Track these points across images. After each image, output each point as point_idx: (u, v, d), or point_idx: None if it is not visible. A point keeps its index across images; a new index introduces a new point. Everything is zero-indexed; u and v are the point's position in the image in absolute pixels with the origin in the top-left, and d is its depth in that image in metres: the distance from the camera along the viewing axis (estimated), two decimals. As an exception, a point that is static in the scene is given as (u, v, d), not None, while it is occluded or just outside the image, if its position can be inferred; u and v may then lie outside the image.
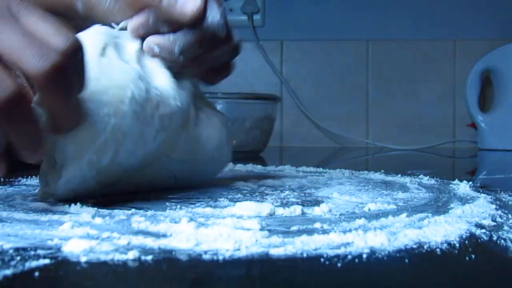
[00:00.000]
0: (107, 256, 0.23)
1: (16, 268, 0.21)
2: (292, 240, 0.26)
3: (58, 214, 0.33)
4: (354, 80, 1.47)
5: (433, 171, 0.67)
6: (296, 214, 0.34)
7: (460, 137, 1.43)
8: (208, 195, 0.42)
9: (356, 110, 1.47)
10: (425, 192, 0.46)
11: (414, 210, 0.36)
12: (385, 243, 0.26)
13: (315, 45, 1.47)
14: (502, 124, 1.25)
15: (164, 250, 0.25)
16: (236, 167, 0.69)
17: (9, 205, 0.37)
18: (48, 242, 0.26)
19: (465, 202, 0.40)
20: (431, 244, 0.26)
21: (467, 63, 1.34)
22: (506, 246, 0.26)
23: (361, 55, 1.47)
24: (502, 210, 0.36)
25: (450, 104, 1.45)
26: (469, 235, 0.28)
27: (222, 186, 0.49)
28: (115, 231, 0.28)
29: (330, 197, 0.42)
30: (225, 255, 0.24)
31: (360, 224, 0.31)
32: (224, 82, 0.52)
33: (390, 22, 1.46)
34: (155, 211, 0.34)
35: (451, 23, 1.44)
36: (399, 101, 1.46)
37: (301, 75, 1.48)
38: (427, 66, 1.45)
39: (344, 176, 0.59)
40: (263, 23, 1.47)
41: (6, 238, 0.27)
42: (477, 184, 0.52)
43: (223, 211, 0.35)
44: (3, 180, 0.51)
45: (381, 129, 1.45)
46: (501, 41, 1.30)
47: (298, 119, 1.47)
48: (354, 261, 0.23)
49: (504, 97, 1.26)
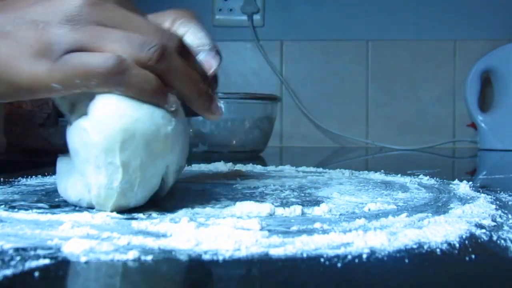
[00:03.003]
0: (107, 256, 0.23)
1: (16, 268, 0.21)
2: (292, 240, 0.26)
3: (58, 214, 0.33)
4: (354, 80, 1.47)
5: (433, 171, 0.67)
6: (296, 214, 0.34)
7: (460, 137, 1.43)
8: (208, 195, 0.42)
9: (356, 110, 1.47)
10: (425, 192, 0.46)
11: (414, 210, 0.36)
12: (385, 243, 0.26)
13: (315, 45, 1.47)
14: (502, 124, 1.25)
15: (164, 250, 0.25)
16: (236, 167, 0.69)
17: (9, 205, 0.37)
18: (48, 242, 0.26)
19: (465, 202, 0.40)
20: (431, 244, 0.26)
21: (467, 63, 1.34)
22: (506, 246, 0.26)
23: (361, 55, 1.47)
24: (502, 210, 0.36)
25: (450, 104, 1.45)
26: (469, 235, 0.28)
27: (222, 186, 0.49)
28: (115, 231, 0.28)
29: (330, 197, 0.42)
30: (225, 255, 0.24)
31: (360, 224, 0.31)
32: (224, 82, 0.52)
33: (390, 22, 1.46)
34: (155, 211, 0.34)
35: (451, 23, 1.44)
36: (399, 101, 1.46)
37: (301, 75, 1.48)
38: (427, 66, 1.45)
39: (344, 176, 0.59)
40: (263, 23, 1.47)
41: (6, 238, 0.27)
42: (477, 184, 0.52)
43: (223, 211, 0.35)
44: (3, 180, 0.51)
45: (381, 129, 1.45)
46: (501, 41, 1.30)
47: (298, 119, 1.47)
48: (354, 261, 0.23)
49: (504, 97, 1.26)
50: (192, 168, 0.69)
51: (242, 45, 1.48)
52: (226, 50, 0.49)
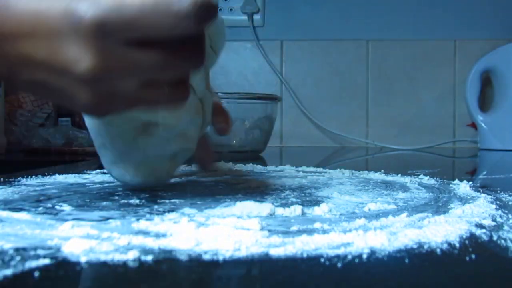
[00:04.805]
0: (107, 256, 0.23)
1: (16, 268, 0.21)
2: (292, 240, 0.26)
3: (58, 214, 0.33)
4: (354, 80, 1.47)
5: (433, 171, 0.67)
6: (296, 214, 0.34)
7: (460, 137, 1.43)
8: (208, 195, 0.42)
9: (356, 110, 1.47)
10: (425, 192, 0.46)
11: (414, 210, 0.36)
12: (385, 243, 0.26)
13: (315, 45, 1.47)
14: (502, 124, 1.25)
15: (164, 250, 0.25)
16: (236, 167, 0.69)
17: (9, 205, 0.37)
18: (48, 242, 0.26)
19: (465, 202, 0.40)
20: (431, 244, 0.26)
21: (467, 63, 1.34)
22: (506, 246, 0.26)
23: (361, 55, 1.47)
24: (502, 210, 0.36)
25: (450, 104, 1.45)
26: (469, 235, 0.28)
27: (223, 186, 0.49)
28: (115, 231, 0.28)
29: (330, 197, 0.42)
30: (225, 255, 0.24)
31: (360, 224, 0.31)
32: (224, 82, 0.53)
33: (390, 22, 1.46)
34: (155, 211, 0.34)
35: (451, 23, 1.44)
36: (399, 101, 1.46)
37: (301, 75, 1.48)
38: (427, 66, 1.45)
39: (344, 176, 0.59)
40: (263, 23, 1.47)
41: (6, 238, 0.27)
42: (477, 184, 0.52)
43: (223, 211, 0.35)
44: (3, 180, 0.51)
45: (381, 129, 1.45)
46: (501, 41, 1.30)
47: (298, 119, 1.47)
48: (354, 261, 0.23)
49: (504, 97, 1.26)
50: (192, 168, 0.69)
51: (242, 45, 1.48)
52: (226, 50, 0.49)
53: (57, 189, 0.46)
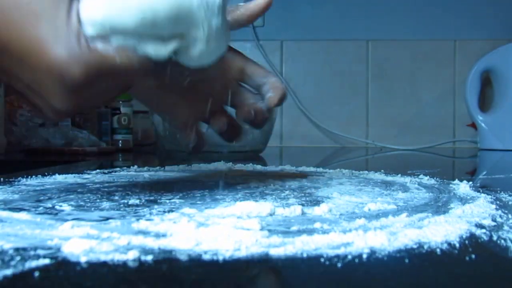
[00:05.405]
0: (107, 256, 0.23)
1: (16, 268, 0.21)
2: (292, 240, 0.26)
3: (58, 214, 0.33)
4: (354, 80, 1.47)
5: (433, 171, 0.67)
6: (296, 214, 0.34)
7: (460, 137, 1.43)
8: (208, 195, 0.42)
9: (356, 110, 1.47)
10: (425, 192, 0.46)
11: (414, 210, 0.36)
12: (385, 243, 0.26)
13: (315, 45, 1.47)
14: (502, 124, 1.25)
15: (164, 250, 0.25)
16: (236, 167, 0.69)
17: (9, 205, 0.37)
18: (48, 242, 0.26)
19: (465, 202, 0.40)
20: (431, 244, 0.26)
21: (467, 63, 1.34)
22: (506, 246, 0.26)
23: (361, 55, 1.47)
24: (502, 210, 0.36)
25: (450, 104, 1.45)
26: (469, 235, 0.28)
27: (223, 186, 0.49)
28: (115, 231, 0.28)
29: (330, 197, 0.42)
30: (225, 255, 0.24)
31: (360, 224, 0.31)
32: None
33: (390, 22, 1.46)
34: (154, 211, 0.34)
35: (451, 23, 1.44)
36: (399, 101, 1.46)
37: (301, 75, 1.48)
38: (427, 66, 1.45)
39: (344, 176, 0.59)
40: (263, 23, 1.47)
41: (6, 238, 0.27)
42: (477, 184, 0.52)
43: (223, 211, 0.35)
44: (3, 180, 0.51)
45: (381, 129, 1.46)
46: (501, 41, 1.30)
47: (298, 119, 1.47)
48: (354, 261, 0.23)
49: (504, 97, 1.26)
50: (192, 168, 0.69)
51: (242, 45, 1.47)
52: (226, 50, 0.49)
53: (57, 189, 0.46)
